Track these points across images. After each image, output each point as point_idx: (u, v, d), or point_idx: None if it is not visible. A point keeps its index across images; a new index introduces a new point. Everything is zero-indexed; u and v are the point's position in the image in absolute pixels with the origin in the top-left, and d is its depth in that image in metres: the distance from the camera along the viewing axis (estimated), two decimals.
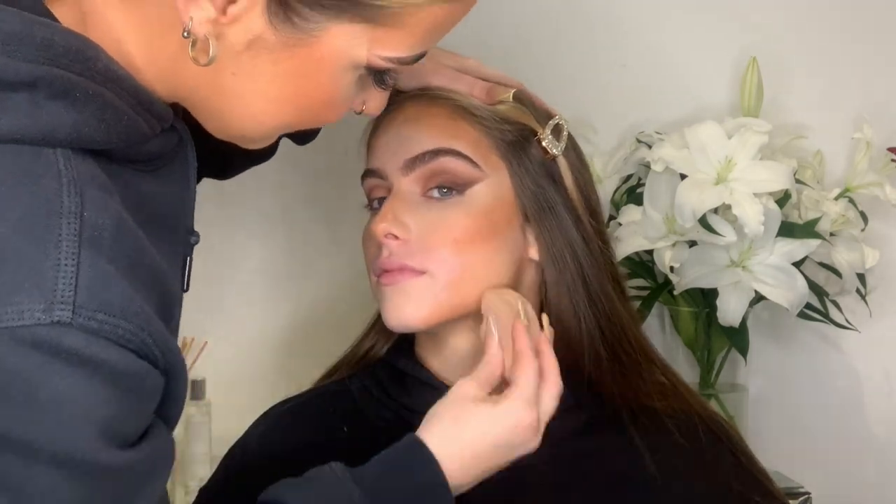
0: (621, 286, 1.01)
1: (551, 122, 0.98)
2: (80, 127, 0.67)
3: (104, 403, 0.64)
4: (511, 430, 0.85)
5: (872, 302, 1.45)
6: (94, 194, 0.66)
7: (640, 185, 1.41)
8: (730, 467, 0.98)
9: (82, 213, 0.65)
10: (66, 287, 0.63)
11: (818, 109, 1.53)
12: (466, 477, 0.84)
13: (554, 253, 0.96)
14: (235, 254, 1.56)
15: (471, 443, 0.84)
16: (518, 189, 0.96)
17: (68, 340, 0.62)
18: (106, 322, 0.64)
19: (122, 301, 0.65)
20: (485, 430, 0.84)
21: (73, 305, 0.62)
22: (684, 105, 1.51)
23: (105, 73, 0.70)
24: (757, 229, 1.25)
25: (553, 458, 0.94)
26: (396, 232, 0.93)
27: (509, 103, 0.98)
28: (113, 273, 0.65)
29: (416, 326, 0.94)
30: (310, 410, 1.03)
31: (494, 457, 0.85)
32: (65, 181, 0.65)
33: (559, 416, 0.96)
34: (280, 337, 1.55)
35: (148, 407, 0.69)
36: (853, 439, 1.58)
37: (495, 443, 0.84)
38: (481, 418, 0.84)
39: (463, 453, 0.83)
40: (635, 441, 0.95)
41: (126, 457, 0.66)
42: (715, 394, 1.43)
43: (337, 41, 0.72)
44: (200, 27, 0.69)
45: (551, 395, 0.88)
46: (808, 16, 1.54)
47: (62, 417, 0.63)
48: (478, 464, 0.84)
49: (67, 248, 0.63)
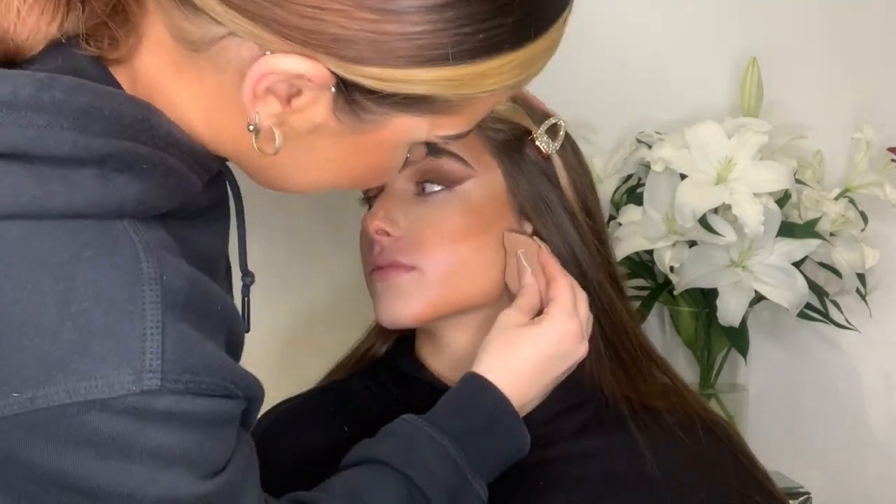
0: (620, 285, 1.02)
1: (547, 123, 0.98)
2: (146, 196, 0.68)
3: (197, 446, 0.67)
4: (558, 341, 0.90)
5: (872, 302, 1.45)
6: (167, 258, 0.67)
7: (640, 185, 1.41)
8: (730, 467, 0.98)
9: (162, 276, 0.65)
10: (154, 357, 0.64)
11: (818, 109, 1.53)
12: (530, 393, 0.89)
13: (552, 249, 0.96)
14: (235, 254, 1.56)
15: (524, 363, 0.89)
16: (512, 187, 0.96)
17: (158, 404, 0.64)
18: (192, 381, 0.65)
19: (205, 359, 0.67)
20: (534, 349, 0.89)
21: (161, 373, 0.64)
22: (684, 105, 1.51)
23: (167, 139, 0.70)
24: (757, 229, 1.25)
25: (554, 457, 0.94)
26: (387, 228, 0.94)
27: (505, 103, 0.98)
28: (195, 335, 0.66)
29: (406, 323, 0.95)
30: (311, 410, 1.03)
31: (550, 369, 0.90)
32: (140, 247, 0.66)
33: (560, 415, 0.97)
34: (280, 337, 1.55)
35: (234, 431, 0.72)
36: (853, 439, 1.58)
37: (546, 357, 0.89)
38: (528, 339, 0.89)
39: (519, 375, 0.88)
40: (636, 440, 0.96)
41: (220, 481, 0.69)
42: (715, 394, 1.43)
43: (400, 128, 0.71)
44: (266, 121, 0.68)
45: (584, 302, 0.93)
46: (808, 16, 1.54)
47: (161, 465, 0.65)
48: (538, 379, 0.90)
49: (152, 316, 0.64)
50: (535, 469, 0.94)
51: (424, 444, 0.84)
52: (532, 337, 0.90)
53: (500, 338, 0.90)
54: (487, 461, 0.86)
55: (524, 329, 0.90)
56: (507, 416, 0.87)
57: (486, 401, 0.87)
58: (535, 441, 0.94)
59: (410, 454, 0.83)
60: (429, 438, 0.84)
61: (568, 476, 0.94)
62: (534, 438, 0.94)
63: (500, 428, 0.86)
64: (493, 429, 0.86)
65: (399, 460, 0.83)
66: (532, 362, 0.89)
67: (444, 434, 0.84)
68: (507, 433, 0.87)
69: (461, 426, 0.85)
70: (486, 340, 0.91)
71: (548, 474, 0.94)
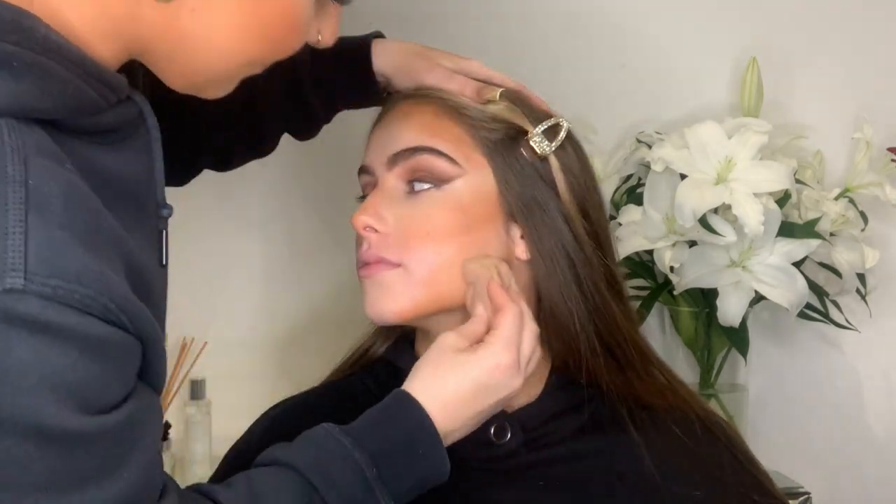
0: (618, 288, 1.01)
1: (547, 123, 0.98)
2: (20, 96, 0.67)
3: (69, 370, 0.63)
4: (491, 371, 0.86)
5: (872, 302, 1.45)
6: (39, 162, 0.65)
7: (640, 185, 1.41)
8: (729, 467, 0.98)
9: (27, 180, 0.64)
10: (16, 255, 0.62)
11: (818, 109, 1.53)
12: (455, 422, 0.86)
13: (543, 251, 0.96)
14: (235, 254, 1.56)
15: (453, 389, 0.85)
16: (502, 187, 0.96)
17: (22, 307, 0.61)
18: (60, 287, 0.63)
19: (78, 266, 0.64)
20: (465, 376, 0.86)
21: (25, 272, 0.62)
22: (684, 105, 1.51)
23: (44, 44, 0.69)
24: (757, 229, 1.25)
25: (553, 457, 0.94)
26: (375, 225, 0.94)
27: (502, 103, 0.98)
28: (66, 239, 0.64)
29: (392, 319, 0.95)
30: (311, 409, 1.03)
31: (478, 399, 0.86)
32: (8, 150, 0.65)
33: (559, 415, 0.97)
34: (280, 337, 1.55)
35: (124, 372, 0.68)
36: (853, 439, 1.58)
37: (476, 385, 0.86)
38: (461, 366, 0.86)
39: (445, 399, 0.85)
40: (635, 440, 0.95)
41: (102, 421, 0.65)
42: (715, 394, 1.43)
43: None
44: None
45: (530, 335, 0.90)
46: (808, 16, 1.54)
47: (24, 386, 0.62)
48: (463, 408, 0.86)
49: (15, 216, 0.63)
50: (535, 469, 0.94)
51: (335, 452, 0.81)
52: (465, 364, 0.86)
53: (434, 360, 0.87)
54: (400, 480, 0.83)
55: (459, 355, 0.87)
56: (427, 437, 0.84)
57: (408, 419, 0.84)
58: (535, 441, 0.95)
59: (319, 461, 0.81)
60: (341, 448, 0.81)
61: (568, 476, 0.94)
62: (534, 439, 0.95)
63: (419, 449, 0.83)
64: (411, 448, 0.83)
65: (305, 465, 0.81)
66: (462, 389, 0.85)
67: (358, 446, 0.82)
68: (425, 455, 0.84)
69: (378, 441, 0.83)
70: (420, 360, 0.88)
71: (548, 475, 0.94)
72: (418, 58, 1.02)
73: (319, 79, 1.04)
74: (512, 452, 0.94)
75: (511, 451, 0.94)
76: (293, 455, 0.82)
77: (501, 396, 0.87)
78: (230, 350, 1.53)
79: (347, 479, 0.80)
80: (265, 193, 1.54)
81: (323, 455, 0.81)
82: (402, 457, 0.83)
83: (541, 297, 0.97)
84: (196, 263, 1.56)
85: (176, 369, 1.50)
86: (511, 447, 0.94)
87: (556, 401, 0.96)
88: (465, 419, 0.86)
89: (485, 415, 0.88)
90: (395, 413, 0.85)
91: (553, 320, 0.96)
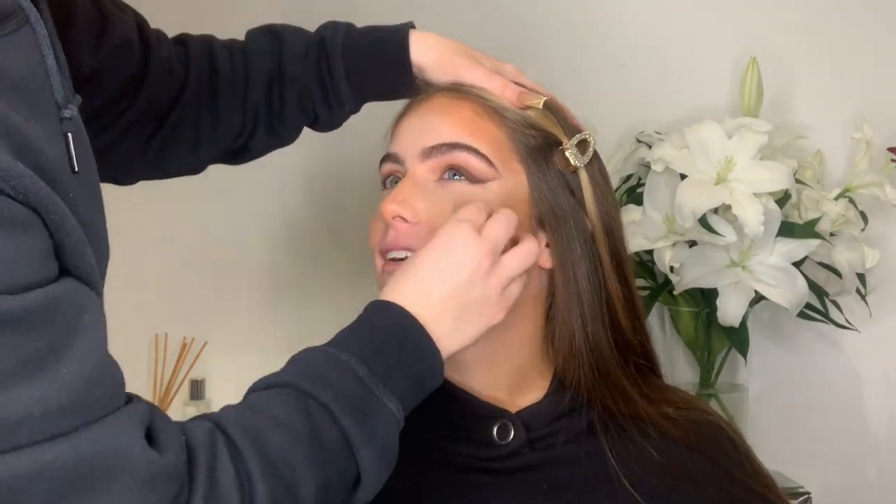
0: (633, 305, 1.01)
1: (578, 137, 0.98)
2: None
3: None
4: (445, 246, 0.85)
5: (872, 302, 1.45)
6: None
7: (640, 185, 1.41)
8: (730, 468, 0.98)
9: None
10: None
11: (818, 109, 1.53)
12: (431, 309, 0.83)
13: (565, 261, 0.96)
14: (236, 255, 1.56)
15: (413, 276, 0.85)
16: (535, 194, 0.95)
17: None
18: None
19: None
20: (427, 258, 0.85)
21: None
22: (684, 105, 1.51)
23: None
24: (757, 229, 1.25)
25: (555, 459, 0.94)
26: (406, 215, 0.93)
27: (539, 110, 0.98)
28: None
29: None
30: None
31: (442, 277, 0.84)
32: None
33: (561, 418, 0.96)
34: (280, 337, 1.55)
35: (29, 248, 0.64)
36: (853, 439, 1.58)
37: (434, 264, 0.85)
38: (421, 254, 0.86)
39: (418, 290, 0.84)
40: (637, 443, 0.95)
41: (21, 299, 0.62)
42: (715, 394, 1.43)
43: None
44: None
45: (502, 222, 0.87)
46: (808, 16, 1.54)
47: None
48: (429, 290, 0.84)
49: None
50: (537, 470, 0.94)
51: (321, 362, 0.80)
52: (424, 251, 0.86)
53: (401, 270, 0.87)
54: (396, 376, 0.81)
55: (420, 251, 0.87)
56: (412, 329, 0.82)
57: (386, 318, 0.83)
58: (537, 442, 0.95)
59: (308, 371, 0.80)
60: (325, 356, 0.80)
61: (570, 478, 0.94)
62: (536, 439, 0.95)
63: (407, 345, 0.82)
64: (399, 345, 0.82)
65: (295, 377, 0.79)
66: (428, 271, 0.84)
67: (343, 350, 0.81)
68: (415, 347, 0.82)
69: (362, 343, 0.82)
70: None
71: (549, 476, 0.94)
72: (458, 53, 1.01)
73: (351, 67, 1.03)
74: (514, 453, 0.94)
75: (513, 451, 0.94)
76: (281, 375, 0.80)
77: (466, 269, 0.85)
78: (230, 350, 1.53)
79: (340, 379, 0.79)
80: (266, 194, 1.54)
81: (311, 366, 0.80)
82: (389, 352, 0.82)
83: (552, 305, 0.97)
84: (197, 264, 1.56)
85: (176, 369, 1.50)
86: (514, 447, 0.94)
87: (558, 403, 0.96)
88: (437, 300, 0.84)
89: (462, 295, 0.85)
90: (372, 316, 0.84)
91: (564, 331, 0.96)
